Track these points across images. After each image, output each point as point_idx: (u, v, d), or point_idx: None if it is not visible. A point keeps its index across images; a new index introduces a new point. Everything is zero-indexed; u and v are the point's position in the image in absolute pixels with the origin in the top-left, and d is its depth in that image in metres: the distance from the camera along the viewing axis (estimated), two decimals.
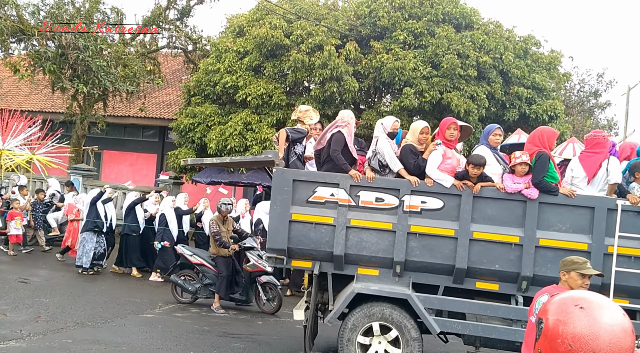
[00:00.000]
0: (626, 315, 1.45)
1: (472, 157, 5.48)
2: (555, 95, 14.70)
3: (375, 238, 5.46)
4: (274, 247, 5.56)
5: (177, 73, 22.95)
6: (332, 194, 5.49)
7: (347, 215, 5.46)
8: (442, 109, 13.14)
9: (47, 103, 21.09)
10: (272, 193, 5.58)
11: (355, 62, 13.40)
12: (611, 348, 1.37)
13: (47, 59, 13.57)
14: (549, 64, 14.37)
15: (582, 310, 1.42)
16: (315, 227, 5.49)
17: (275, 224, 5.54)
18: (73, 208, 11.68)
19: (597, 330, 1.39)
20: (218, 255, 8.51)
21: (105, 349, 6.05)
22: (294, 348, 6.72)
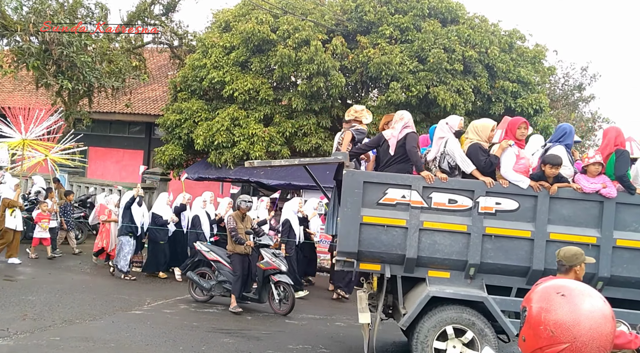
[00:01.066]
0: (607, 303, 1.49)
1: (548, 157, 5.39)
2: (540, 89, 14.83)
3: (448, 240, 5.39)
4: (345, 250, 5.43)
5: (163, 69, 22.78)
6: (403, 196, 5.41)
7: (420, 217, 5.38)
8: (429, 103, 13.21)
9: (31, 100, 20.83)
10: (342, 195, 5.47)
11: (342, 56, 13.41)
12: (591, 334, 1.41)
13: (30, 54, 13.39)
14: (534, 58, 14.50)
15: (564, 297, 1.46)
16: (386, 229, 5.40)
17: (346, 227, 5.42)
18: (104, 209, 11.36)
19: (578, 317, 1.42)
20: (234, 253, 8.35)
21: (94, 346, 6.04)
22: (283, 343, 6.75)
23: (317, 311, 8.76)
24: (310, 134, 13.39)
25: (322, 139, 13.46)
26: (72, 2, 14.98)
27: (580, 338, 1.41)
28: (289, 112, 13.77)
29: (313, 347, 6.65)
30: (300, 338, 7.05)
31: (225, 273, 8.51)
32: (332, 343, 6.91)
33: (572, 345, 1.42)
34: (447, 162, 5.56)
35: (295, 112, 13.57)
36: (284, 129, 13.35)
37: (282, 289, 8.33)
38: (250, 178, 13.42)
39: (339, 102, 14.20)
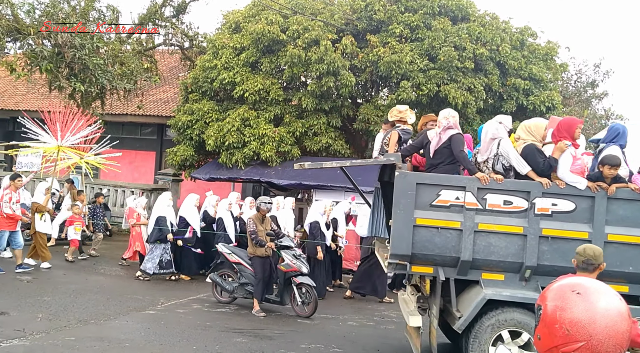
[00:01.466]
0: (622, 300, 1.48)
1: (607, 157, 5.32)
2: (553, 86, 14.70)
3: (504, 242, 5.33)
4: (398, 253, 5.38)
5: (174, 70, 22.92)
6: (457, 198, 5.35)
7: (475, 219, 5.33)
8: (440, 102, 13.15)
9: (45, 102, 21.03)
10: (395, 197, 5.41)
11: (352, 56, 13.40)
12: (607, 332, 1.40)
13: (43, 58, 13.56)
14: (546, 55, 14.38)
15: (579, 295, 1.46)
16: (440, 231, 5.34)
17: (399, 229, 5.36)
18: (134, 212, 11.35)
19: (594, 315, 1.42)
20: (255, 255, 8.24)
21: (109, 346, 6.09)
22: (295, 342, 6.77)
23: (329, 311, 8.77)
24: (320, 134, 13.40)
25: (333, 138, 13.46)
26: (84, 5, 15.13)
27: (596, 336, 1.40)
28: (299, 112, 13.79)
29: (325, 346, 6.66)
30: (312, 337, 7.07)
31: (247, 276, 8.44)
32: (345, 343, 6.92)
33: (588, 343, 1.41)
34: (501, 164, 5.49)
35: (305, 112, 13.59)
36: (294, 129, 13.37)
37: (304, 291, 8.22)
38: (261, 178, 13.46)
39: (349, 101, 14.20)
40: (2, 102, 21.68)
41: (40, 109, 20.80)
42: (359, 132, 14.33)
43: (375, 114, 13.30)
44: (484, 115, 13.93)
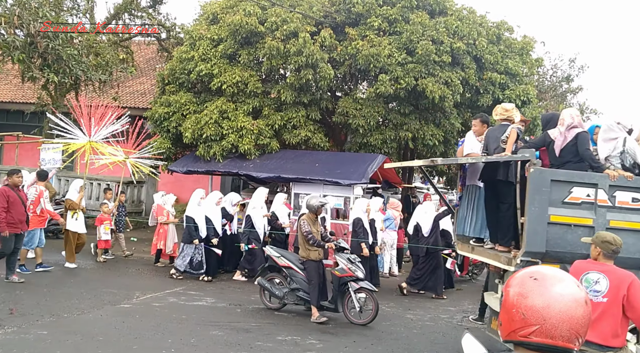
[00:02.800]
0: (582, 288, 1.52)
1: None
2: (528, 81, 14.91)
3: (633, 239, 5.31)
4: (533, 250, 5.33)
5: (151, 61, 22.62)
6: (587, 195, 5.34)
7: (607, 216, 5.33)
8: (418, 95, 13.23)
9: (18, 93, 20.62)
10: (529, 194, 5.35)
11: (331, 49, 13.38)
12: (561, 316, 1.44)
13: (15, 48, 13.23)
14: (522, 50, 14.56)
15: (536, 281, 1.50)
16: (572, 228, 5.32)
17: (534, 226, 5.32)
18: (162, 210, 11.15)
19: (547, 299, 1.46)
20: (308, 259, 7.73)
21: (81, 340, 6.02)
22: (272, 335, 6.77)
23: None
24: (299, 127, 13.37)
25: (312, 131, 13.45)
26: None
27: (550, 320, 1.45)
28: (277, 105, 13.73)
29: (302, 338, 6.68)
30: (289, 330, 7.08)
31: (299, 281, 7.91)
32: (321, 335, 6.95)
33: (542, 327, 1.45)
34: (628, 161, 5.52)
35: (284, 105, 13.54)
36: (273, 122, 13.31)
37: (362, 297, 7.65)
38: (240, 171, 13.39)
39: (328, 94, 14.19)
40: None
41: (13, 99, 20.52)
42: (338, 125, 14.35)
43: (354, 107, 13.32)
44: (460, 109, 14.07)
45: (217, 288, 9.54)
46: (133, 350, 5.84)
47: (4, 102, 20.91)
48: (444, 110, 13.45)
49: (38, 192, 9.63)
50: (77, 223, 10.25)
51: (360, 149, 13.73)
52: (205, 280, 9.98)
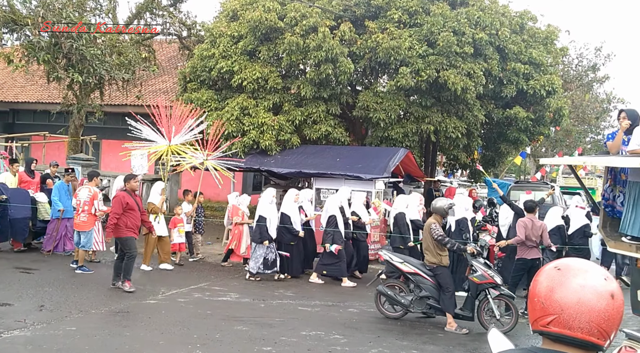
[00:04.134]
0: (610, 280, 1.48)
1: None
2: (553, 70, 14.63)
3: None
4: None
5: (173, 60, 22.84)
6: None
7: None
8: (439, 88, 13.09)
9: (44, 94, 21.04)
10: None
11: (350, 42, 13.31)
12: (578, 308, 1.43)
13: (40, 48, 13.48)
14: (546, 39, 14.29)
15: (559, 271, 1.50)
16: None
17: None
18: (238, 210, 11.01)
19: (566, 289, 1.46)
20: (440, 265, 7.31)
21: (109, 335, 6.12)
22: (296, 329, 6.79)
23: (330, 298, 8.79)
24: (319, 122, 13.36)
25: (332, 126, 13.42)
26: None
27: (567, 310, 1.44)
28: (297, 100, 13.73)
29: (326, 333, 6.68)
30: (313, 324, 7.09)
31: (428, 288, 7.40)
32: (346, 330, 6.94)
33: (559, 316, 1.45)
34: None
35: (304, 100, 13.53)
36: (293, 117, 13.32)
37: (501, 304, 7.32)
38: (261, 167, 13.44)
39: (348, 88, 14.14)
40: (1, 94, 21.66)
41: (39, 100, 20.95)
42: (359, 119, 14.29)
43: (374, 100, 13.25)
44: (483, 100, 13.88)
45: (241, 283, 9.59)
46: (160, 345, 5.91)
47: (30, 103, 21.37)
48: (466, 102, 13.28)
49: (92, 193, 9.62)
50: (160, 226, 10.07)
51: (382, 143, 13.66)
52: (281, 278, 9.81)
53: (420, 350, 6.25)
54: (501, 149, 15.84)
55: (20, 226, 10.37)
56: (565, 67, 26.07)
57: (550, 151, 29.28)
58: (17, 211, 10.20)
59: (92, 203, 9.61)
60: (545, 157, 29.90)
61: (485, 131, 15.83)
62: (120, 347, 5.77)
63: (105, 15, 16.26)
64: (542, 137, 17.69)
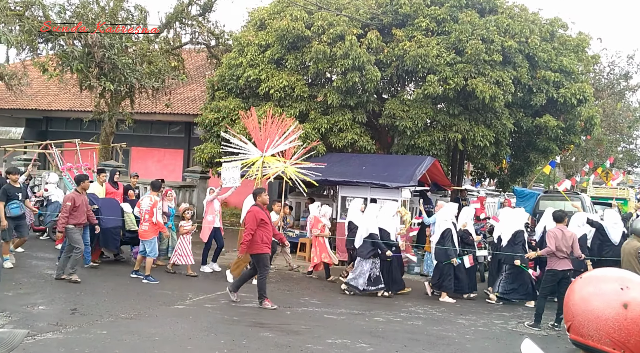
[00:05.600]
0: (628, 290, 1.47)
1: None
2: (584, 78, 14.39)
3: None
4: None
5: (201, 69, 23.20)
6: None
7: None
8: (467, 96, 12.99)
9: (76, 102, 21.58)
10: None
11: (377, 51, 13.32)
12: (586, 316, 1.46)
13: (74, 58, 13.86)
14: (577, 47, 14.07)
15: (581, 279, 1.55)
16: None
17: None
18: (319, 222, 10.86)
19: (578, 298, 1.49)
20: None
21: (139, 339, 6.21)
22: (322, 337, 6.77)
23: (356, 306, 8.74)
24: (345, 130, 13.36)
25: (358, 134, 13.41)
26: (112, 5, 15.40)
27: (577, 317, 1.47)
28: (324, 108, 13.78)
29: (352, 342, 6.65)
30: (339, 332, 7.06)
31: None
32: (372, 339, 6.89)
33: (573, 323, 1.49)
34: None
35: (330, 108, 13.57)
36: (319, 125, 13.36)
37: None
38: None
39: (374, 96, 14.13)
40: (35, 102, 22.28)
41: (72, 108, 21.49)
42: (385, 127, 14.26)
43: (401, 109, 13.20)
44: (512, 108, 13.71)
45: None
46: (187, 350, 5.97)
47: (63, 111, 21.94)
48: (494, 111, 13.13)
49: (152, 202, 9.68)
50: None
51: (408, 151, 13.59)
52: (385, 295, 9.39)
53: None
54: (530, 157, 15.60)
55: (111, 235, 10.28)
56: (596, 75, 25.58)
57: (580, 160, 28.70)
58: (109, 221, 10.16)
59: (152, 212, 9.61)
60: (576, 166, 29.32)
61: (513, 140, 15.62)
62: (149, 351, 5.84)
63: (136, 24, 16.63)
64: (572, 146, 17.39)
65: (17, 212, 9.77)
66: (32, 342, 5.87)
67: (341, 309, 8.43)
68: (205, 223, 10.81)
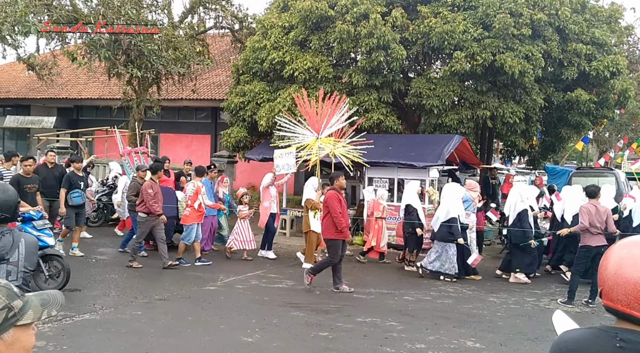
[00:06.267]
0: None
1: None
2: (617, 50, 13.92)
3: None
4: None
5: (226, 53, 23.26)
6: None
7: None
8: (495, 72, 12.71)
9: (105, 90, 21.94)
10: None
11: (402, 28, 13.10)
12: (615, 279, 1.45)
13: (101, 46, 14.03)
14: (609, 18, 13.59)
15: (617, 245, 1.54)
16: None
17: None
18: (379, 205, 10.83)
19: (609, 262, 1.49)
20: None
21: (172, 319, 6.36)
22: (352, 316, 6.82)
23: (385, 285, 8.77)
24: (371, 110, 13.24)
25: (384, 114, 13.27)
26: None
27: (607, 282, 1.47)
28: (349, 89, 13.66)
29: (382, 320, 6.67)
30: (369, 311, 7.10)
31: None
32: (401, 317, 6.91)
33: (603, 289, 1.49)
34: None
35: (355, 89, 13.45)
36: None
37: None
38: None
39: (400, 76, 13.94)
40: (66, 92, 22.73)
41: (101, 96, 21.87)
42: (411, 107, 14.08)
43: (427, 87, 13.00)
44: (542, 83, 13.38)
45: (296, 271, 9.69)
46: (220, 330, 6.09)
47: (93, 99, 22.36)
48: (524, 86, 12.83)
49: (195, 188, 9.78)
50: (317, 222, 9.74)
51: (435, 130, 13.42)
52: (453, 280, 9.18)
53: (478, 338, 6.14)
54: (562, 133, 15.23)
55: (167, 225, 10.00)
56: (630, 47, 24.70)
57: (614, 135, 27.89)
58: (166, 210, 9.82)
59: (195, 197, 9.69)
60: (609, 141, 28.51)
61: (544, 115, 15.26)
62: (183, 330, 5.98)
63: (160, 11, 16.72)
64: (605, 121, 16.90)
65: (79, 201, 9.79)
66: (71, 323, 6.07)
67: (370, 289, 8.47)
68: (262, 209, 10.74)
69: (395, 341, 5.91)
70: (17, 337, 1.43)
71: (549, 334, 6.03)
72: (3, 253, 2.86)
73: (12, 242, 2.90)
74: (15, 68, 24.65)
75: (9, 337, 1.41)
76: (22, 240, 2.96)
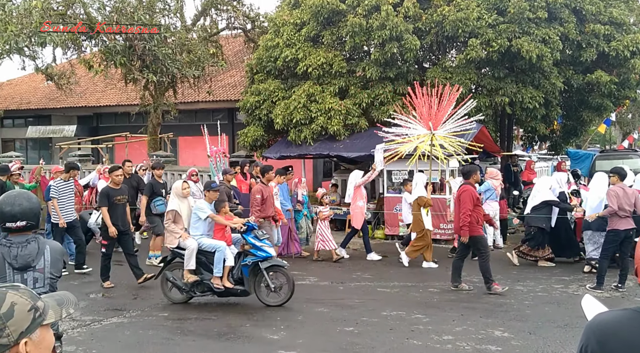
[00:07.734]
0: None
1: None
2: (637, 29, 13.56)
3: None
4: None
5: (239, 54, 23.33)
6: None
7: None
8: (512, 57, 12.51)
9: (123, 96, 22.17)
10: None
11: (415, 18, 12.96)
12: None
13: (116, 52, 14.18)
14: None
15: None
16: None
17: None
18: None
19: None
20: None
21: (197, 320, 6.41)
22: (377, 310, 6.77)
23: (409, 279, 8.70)
24: (387, 103, 13.13)
25: (400, 106, 13.15)
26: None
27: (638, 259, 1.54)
28: (363, 83, 13.60)
29: (407, 313, 6.62)
30: (393, 305, 7.05)
31: None
32: (427, 309, 6.85)
33: (638, 266, 1.55)
34: None
35: (370, 82, 13.37)
36: (360, 100, 13.21)
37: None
38: (331, 153, 13.46)
39: (414, 66, 13.81)
40: (85, 100, 23.04)
41: (119, 102, 22.13)
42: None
43: (443, 76, 12.83)
44: (561, 67, 13.12)
45: (318, 267, 9.69)
46: (246, 328, 6.11)
47: (111, 106, 22.62)
48: (542, 70, 12.60)
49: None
50: (428, 219, 9.62)
51: None
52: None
53: (507, 327, 6.06)
54: (583, 117, 14.92)
55: None
56: None
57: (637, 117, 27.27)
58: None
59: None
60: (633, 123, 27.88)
61: (564, 99, 14.97)
62: (210, 330, 6.02)
63: (173, 14, 16.83)
64: (628, 102, 16.49)
65: (163, 209, 8.87)
66: (99, 327, 6.16)
67: (394, 282, 8.41)
68: (357, 208, 10.32)
69: (421, 333, 5.86)
70: (43, 336, 1.48)
71: (579, 321, 5.92)
72: (29, 260, 2.89)
73: (38, 250, 2.93)
74: (34, 79, 25.06)
75: (37, 337, 1.46)
76: (47, 247, 2.98)
